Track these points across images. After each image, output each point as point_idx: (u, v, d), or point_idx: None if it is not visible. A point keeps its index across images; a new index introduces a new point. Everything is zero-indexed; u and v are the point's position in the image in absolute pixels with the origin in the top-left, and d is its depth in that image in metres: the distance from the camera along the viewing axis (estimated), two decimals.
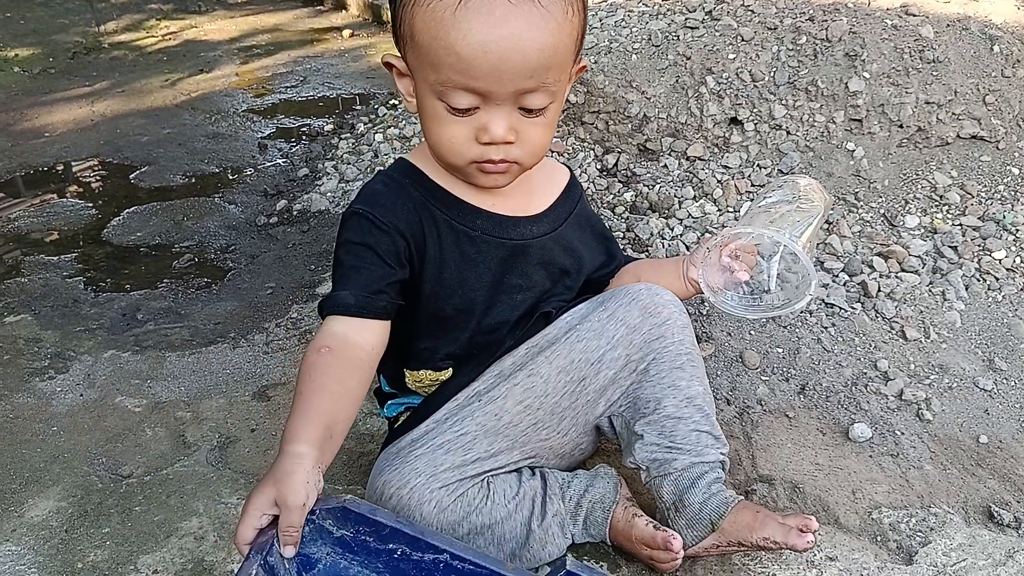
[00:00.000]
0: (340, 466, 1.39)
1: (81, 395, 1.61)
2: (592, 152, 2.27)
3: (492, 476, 1.12)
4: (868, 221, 1.92)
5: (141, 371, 1.68)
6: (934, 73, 2.08)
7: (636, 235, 1.95)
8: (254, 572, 0.84)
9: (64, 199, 2.70)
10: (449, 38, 0.96)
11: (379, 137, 2.73)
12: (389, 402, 1.26)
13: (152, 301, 1.99)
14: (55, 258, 2.25)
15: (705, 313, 1.68)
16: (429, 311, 1.14)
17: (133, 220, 2.49)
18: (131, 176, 2.86)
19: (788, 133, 2.09)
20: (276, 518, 0.89)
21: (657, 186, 2.10)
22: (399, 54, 1.08)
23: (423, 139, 1.13)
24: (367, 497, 1.14)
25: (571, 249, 1.22)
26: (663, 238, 1.94)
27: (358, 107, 3.45)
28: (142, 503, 1.32)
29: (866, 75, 2.08)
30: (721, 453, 1.16)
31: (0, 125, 3.48)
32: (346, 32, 4.86)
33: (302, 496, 0.89)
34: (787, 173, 2.03)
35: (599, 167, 2.24)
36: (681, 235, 1.93)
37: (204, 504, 1.31)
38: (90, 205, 2.63)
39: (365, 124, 3.00)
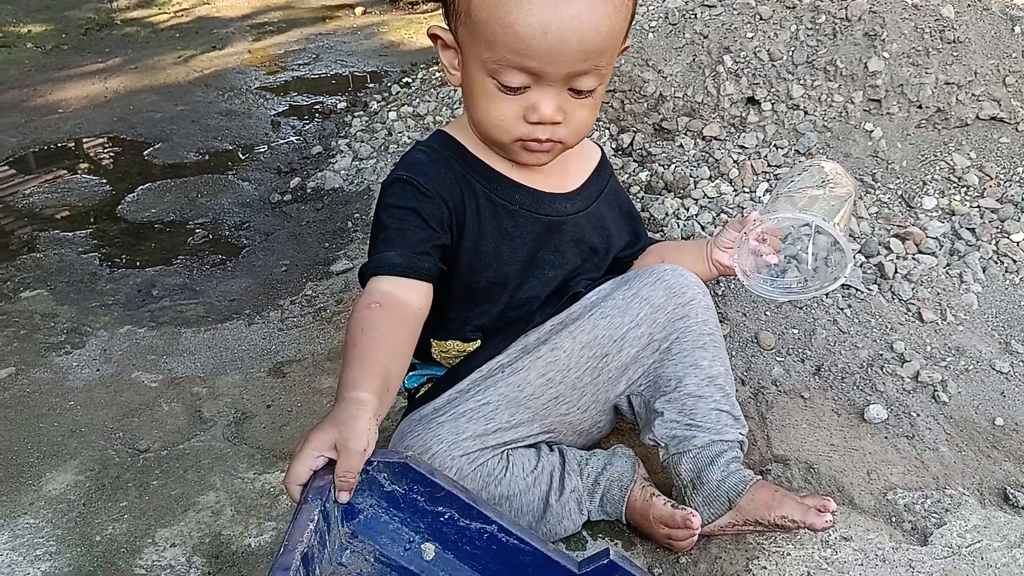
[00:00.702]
0: None
1: (97, 370, 1.62)
2: (607, 131, 2.26)
3: (511, 449, 1.13)
4: (885, 202, 1.91)
5: (157, 347, 1.68)
6: (954, 53, 2.05)
7: (651, 215, 1.94)
8: (316, 517, 0.82)
9: (78, 175, 2.71)
10: (509, 16, 0.96)
11: (393, 115, 2.72)
12: (410, 373, 1.27)
13: (167, 277, 2.00)
14: (70, 234, 2.26)
15: (720, 293, 1.67)
16: (463, 282, 1.15)
17: (147, 197, 2.50)
18: (145, 153, 2.86)
19: (806, 113, 2.08)
20: (330, 462, 0.87)
21: (672, 166, 2.09)
22: (447, 27, 1.07)
23: (462, 112, 1.14)
24: None
25: (602, 227, 1.23)
26: (678, 218, 1.93)
27: (371, 85, 3.43)
28: (159, 477, 1.33)
29: (885, 55, 2.06)
30: (740, 433, 1.16)
31: (14, 101, 3.48)
32: (358, 9, 4.84)
33: (364, 442, 0.87)
34: (804, 154, 2.02)
35: (614, 146, 2.22)
36: (696, 215, 1.92)
37: (221, 479, 1.32)
38: (104, 181, 2.64)
39: (378, 102, 2.99)
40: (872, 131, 2.03)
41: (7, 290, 1.95)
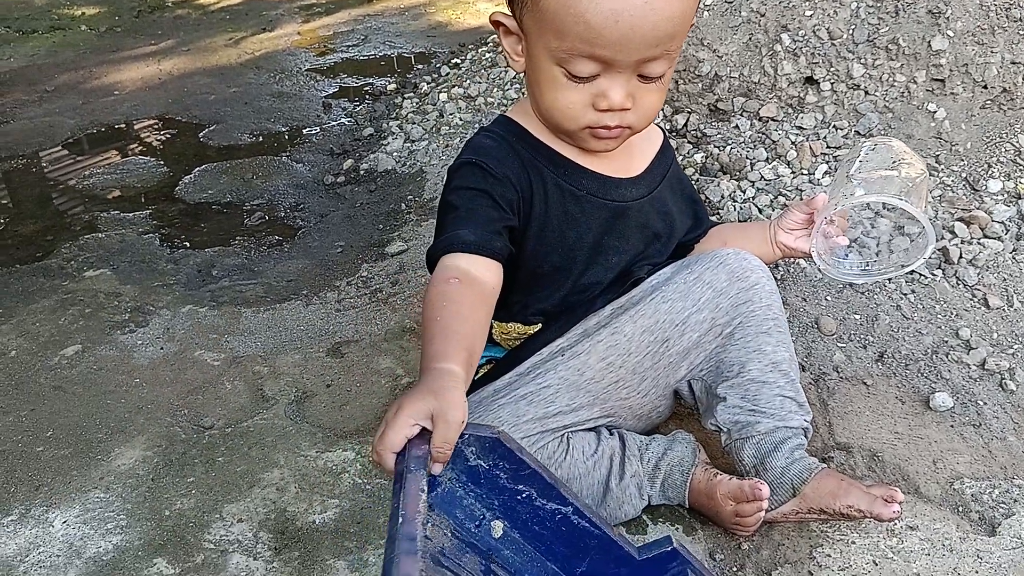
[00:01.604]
0: None
1: (161, 348, 1.65)
2: (661, 112, 2.24)
3: (571, 433, 1.13)
4: (949, 185, 1.86)
5: (218, 326, 1.71)
6: (1021, 32, 1.99)
7: (707, 197, 1.92)
8: (425, 487, 0.79)
9: (136, 157, 2.76)
10: (580, 5, 0.95)
11: (444, 96, 2.72)
12: None
13: (226, 258, 2.03)
14: (130, 215, 2.30)
15: (779, 277, 1.65)
16: (527, 267, 1.15)
17: (204, 178, 2.53)
18: (200, 135, 2.90)
19: (866, 93, 2.03)
20: (422, 432, 0.84)
21: (728, 147, 2.06)
22: (509, 13, 1.07)
23: (522, 96, 1.13)
24: None
25: (666, 212, 1.22)
26: (734, 201, 1.91)
27: (420, 66, 3.44)
28: (224, 454, 1.36)
29: (950, 33, 2.00)
30: (805, 420, 1.15)
31: (71, 83, 3.55)
32: None
33: (462, 413, 0.84)
34: (864, 135, 1.98)
35: (668, 128, 2.20)
36: (753, 198, 1.90)
37: (284, 456, 1.34)
38: (161, 163, 2.68)
39: (428, 83, 3.00)
40: (935, 112, 1.99)
41: (71, 269, 2.00)
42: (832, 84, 2.06)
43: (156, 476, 1.32)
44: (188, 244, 2.12)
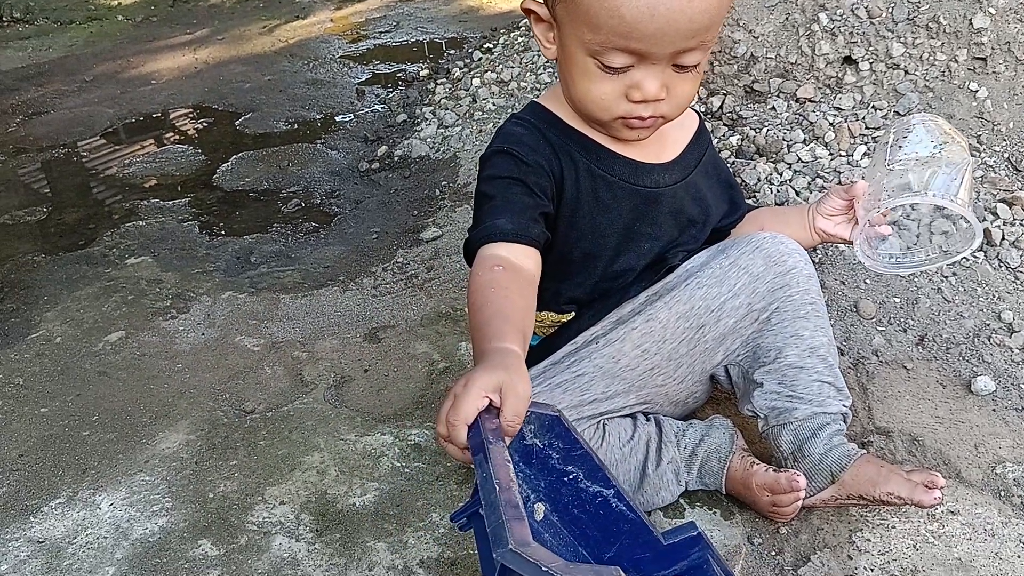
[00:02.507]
0: None
1: (203, 334, 1.68)
2: (696, 95, 2.21)
3: (607, 419, 1.14)
4: (991, 166, 1.83)
5: (257, 312, 1.74)
6: None
7: (743, 180, 1.90)
8: (508, 457, 0.78)
9: (174, 145, 2.79)
10: (615, 0, 0.94)
11: (476, 82, 2.72)
12: None
13: (264, 245, 2.05)
14: (169, 203, 2.34)
15: (817, 261, 1.64)
16: (557, 253, 1.14)
17: (241, 166, 2.56)
18: (236, 123, 2.93)
19: (906, 73, 2.00)
20: (489, 406, 0.83)
21: (765, 129, 2.04)
22: (540, 1, 1.06)
23: (554, 82, 1.13)
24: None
25: (700, 198, 1.20)
26: (771, 183, 1.89)
27: (452, 52, 3.44)
28: (266, 437, 1.38)
29: (991, 10, 1.96)
30: (844, 405, 1.14)
31: (109, 73, 3.60)
32: None
33: (530, 388, 0.84)
34: (904, 115, 1.95)
35: (703, 110, 2.18)
36: (790, 180, 1.87)
37: (324, 440, 1.36)
38: (199, 151, 2.72)
39: (461, 69, 2.99)
40: (977, 91, 1.95)
41: (114, 256, 2.04)
42: (871, 64, 2.03)
43: (200, 459, 1.35)
44: (226, 231, 2.15)
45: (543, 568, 0.65)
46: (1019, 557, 1.07)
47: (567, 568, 0.65)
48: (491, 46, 3.12)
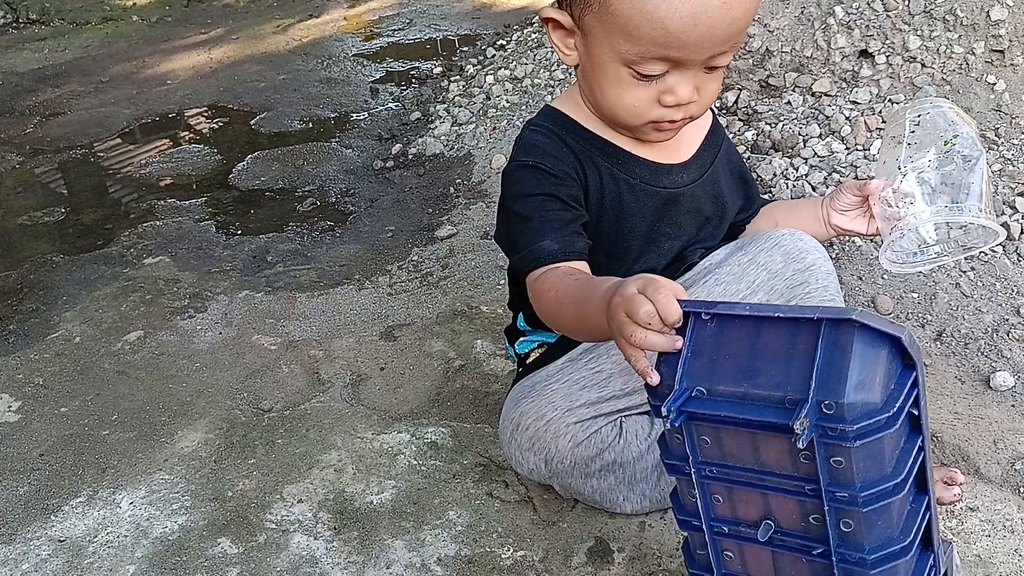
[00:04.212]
0: (466, 405, 1.43)
1: (220, 333, 1.69)
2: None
3: (625, 417, 1.13)
4: (1010, 159, 1.81)
5: (274, 311, 1.75)
6: None
7: (759, 175, 1.89)
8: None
9: (189, 145, 2.81)
10: (659, 11, 0.93)
11: (490, 79, 2.72)
12: (521, 339, 1.28)
13: (280, 244, 2.06)
14: (186, 202, 2.35)
15: (834, 256, 1.63)
16: None
17: (256, 165, 2.57)
18: (251, 122, 2.94)
19: (923, 66, 1.98)
20: None
21: (780, 124, 2.03)
22: (561, 9, 1.05)
23: (572, 86, 1.13)
24: (501, 427, 1.17)
25: (718, 195, 1.20)
26: (787, 178, 1.88)
27: (465, 48, 3.44)
28: (284, 436, 1.39)
29: (1009, 2, 1.94)
30: None
31: (125, 73, 3.63)
32: None
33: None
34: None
35: (718, 105, 2.17)
36: (807, 175, 1.86)
37: (342, 438, 1.37)
38: (215, 151, 2.73)
39: (474, 66, 2.99)
40: (995, 84, 1.93)
41: (131, 256, 2.05)
42: (888, 57, 2.02)
43: (218, 458, 1.36)
44: (243, 230, 2.16)
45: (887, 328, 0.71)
46: None
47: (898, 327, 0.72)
48: (504, 43, 3.12)
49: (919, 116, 1.11)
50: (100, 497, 1.30)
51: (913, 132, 1.12)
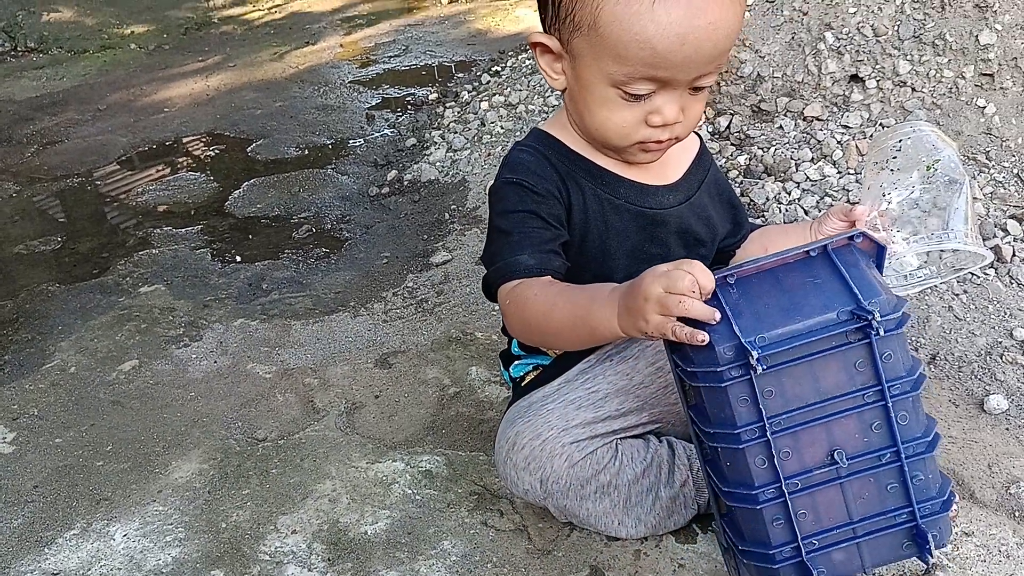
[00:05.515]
0: (461, 433, 1.42)
1: (215, 362, 1.69)
2: (703, 115, 2.23)
3: (620, 440, 1.14)
4: (1001, 182, 1.83)
5: (269, 339, 1.75)
6: None
7: (751, 200, 1.90)
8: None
9: (186, 172, 2.82)
10: (646, 32, 0.95)
11: (485, 105, 2.74)
12: (516, 362, 1.28)
13: (275, 271, 2.07)
14: (182, 230, 2.36)
15: None
16: (568, 277, 1.15)
17: (252, 192, 2.58)
18: (248, 149, 2.96)
19: (913, 90, 2.00)
20: None
21: (772, 148, 2.04)
22: (548, 33, 1.07)
23: (560, 109, 1.14)
24: (497, 447, 1.17)
25: (706, 218, 1.21)
26: (779, 203, 1.89)
27: (460, 75, 3.46)
28: (278, 466, 1.38)
29: (998, 27, 1.96)
30: None
31: (123, 101, 3.65)
32: None
33: None
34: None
35: (710, 130, 2.19)
36: (799, 199, 1.88)
37: (336, 468, 1.36)
38: (211, 178, 2.74)
39: (469, 92, 3.02)
40: (985, 107, 1.95)
41: (127, 285, 2.06)
42: (878, 81, 2.04)
43: (212, 488, 1.35)
44: (239, 258, 2.17)
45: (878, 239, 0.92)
46: None
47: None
48: (499, 69, 3.14)
49: (900, 141, 1.12)
50: (94, 529, 1.30)
51: (895, 157, 1.13)
